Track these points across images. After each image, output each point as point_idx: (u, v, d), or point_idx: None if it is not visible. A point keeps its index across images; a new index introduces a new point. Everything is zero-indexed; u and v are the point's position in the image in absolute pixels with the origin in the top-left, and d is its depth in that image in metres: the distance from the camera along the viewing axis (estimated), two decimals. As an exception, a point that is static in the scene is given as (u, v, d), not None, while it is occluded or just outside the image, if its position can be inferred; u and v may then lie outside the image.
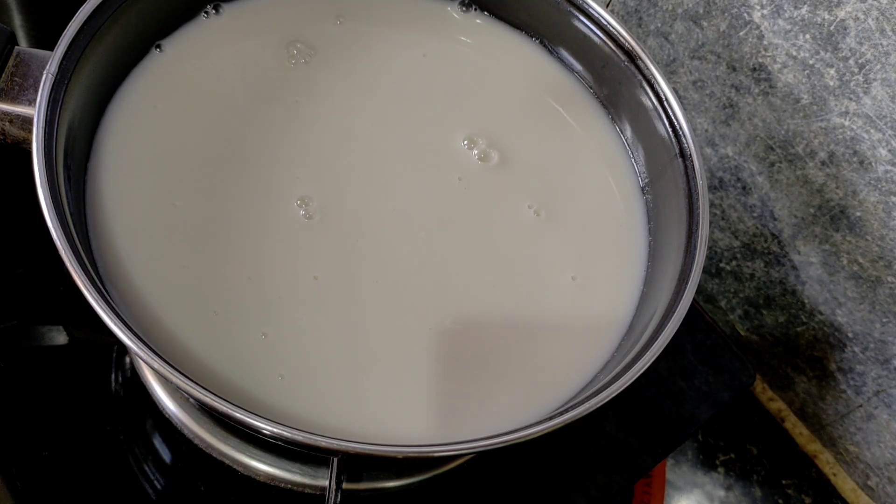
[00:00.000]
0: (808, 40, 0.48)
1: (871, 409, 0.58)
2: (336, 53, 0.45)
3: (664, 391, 0.54)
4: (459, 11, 0.49)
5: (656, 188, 0.44)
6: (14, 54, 0.38)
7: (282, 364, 0.36)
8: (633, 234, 0.44)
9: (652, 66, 0.43)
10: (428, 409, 0.37)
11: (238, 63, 0.44)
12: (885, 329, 0.53)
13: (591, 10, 0.44)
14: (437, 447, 0.33)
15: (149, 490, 0.46)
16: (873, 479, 0.61)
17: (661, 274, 0.41)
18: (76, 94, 0.37)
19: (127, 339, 0.31)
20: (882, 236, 0.50)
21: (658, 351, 0.35)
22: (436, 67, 0.47)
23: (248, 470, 0.45)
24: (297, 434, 0.31)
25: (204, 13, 0.45)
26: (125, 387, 0.48)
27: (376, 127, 0.44)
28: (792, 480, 0.63)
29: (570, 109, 0.47)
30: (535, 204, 0.43)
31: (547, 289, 0.41)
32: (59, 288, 0.50)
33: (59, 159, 0.35)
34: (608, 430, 0.52)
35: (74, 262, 0.32)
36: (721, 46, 0.54)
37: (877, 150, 0.48)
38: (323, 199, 0.40)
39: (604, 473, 0.51)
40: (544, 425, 0.33)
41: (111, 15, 0.39)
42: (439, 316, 0.39)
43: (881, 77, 0.45)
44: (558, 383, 0.38)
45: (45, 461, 0.45)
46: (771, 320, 0.62)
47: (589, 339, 0.40)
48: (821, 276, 0.56)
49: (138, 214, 0.38)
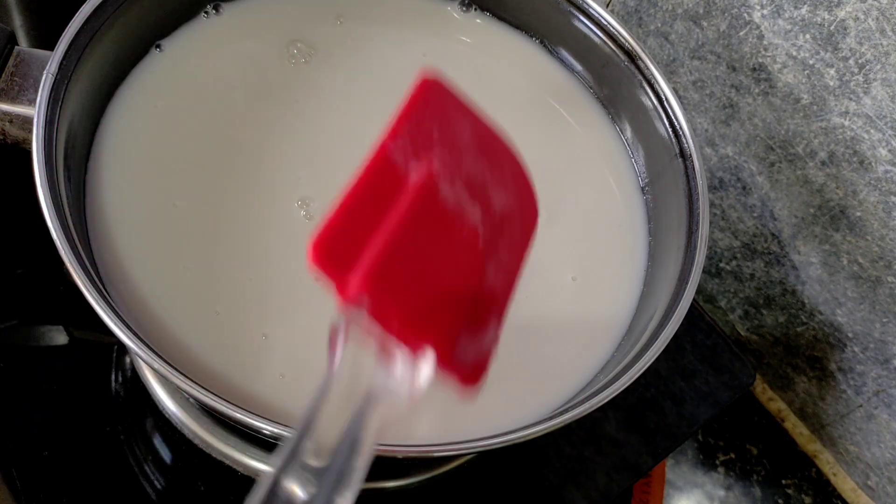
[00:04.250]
0: (808, 40, 0.48)
1: (871, 409, 0.58)
2: (336, 53, 0.45)
3: (664, 391, 0.54)
4: (459, 11, 0.49)
5: (656, 188, 0.44)
6: (14, 54, 0.38)
7: (282, 364, 0.36)
8: (633, 234, 0.44)
9: (652, 66, 0.43)
10: (428, 408, 0.37)
11: (238, 63, 0.44)
12: (885, 329, 0.53)
13: (591, 10, 0.44)
14: (437, 447, 0.33)
15: (149, 490, 0.46)
16: (873, 479, 0.61)
17: (661, 274, 0.41)
18: (76, 94, 0.37)
19: (127, 339, 0.31)
20: (882, 236, 0.50)
21: (658, 351, 0.35)
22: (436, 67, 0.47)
23: (248, 470, 0.45)
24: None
25: (204, 13, 0.45)
26: (125, 387, 0.48)
27: (377, 127, 0.44)
28: (792, 480, 0.63)
29: (570, 109, 0.47)
30: (535, 204, 0.43)
31: (547, 289, 0.41)
32: (59, 288, 0.50)
33: (59, 159, 0.35)
34: (608, 430, 0.52)
35: (74, 262, 0.32)
36: (721, 46, 0.54)
37: (877, 150, 0.48)
38: (324, 200, 0.40)
39: (604, 473, 0.51)
40: (544, 425, 0.33)
41: (111, 15, 0.39)
42: (439, 316, 0.39)
43: (881, 77, 0.45)
44: (558, 383, 0.38)
45: (45, 461, 0.45)
46: (771, 320, 0.62)
47: (589, 339, 0.40)
48: (821, 276, 0.56)
49: (138, 214, 0.38)
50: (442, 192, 0.29)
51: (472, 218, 0.30)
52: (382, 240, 0.26)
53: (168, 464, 0.47)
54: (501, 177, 0.32)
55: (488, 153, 0.32)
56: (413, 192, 0.28)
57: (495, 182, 0.32)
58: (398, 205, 0.27)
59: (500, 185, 0.32)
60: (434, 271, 0.28)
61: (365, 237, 0.26)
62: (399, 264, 0.26)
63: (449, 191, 0.29)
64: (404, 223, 0.27)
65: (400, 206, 0.27)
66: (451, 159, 0.30)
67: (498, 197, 0.32)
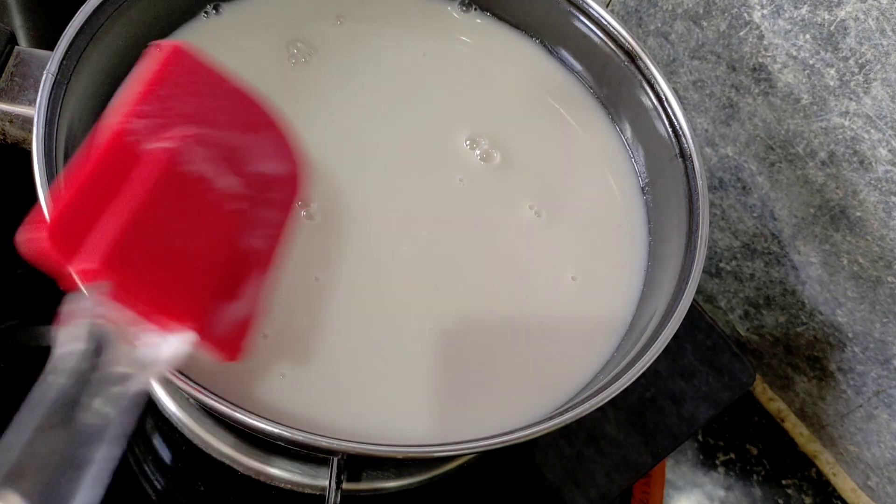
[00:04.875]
0: (808, 40, 0.48)
1: (871, 409, 0.58)
2: (336, 53, 0.45)
3: (664, 391, 0.54)
4: (459, 11, 0.49)
5: (656, 188, 0.44)
6: (14, 54, 0.38)
7: (282, 364, 0.36)
8: (633, 234, 0.44)
9: (652, 66, 0.43)
10: (428, 409, 0.37)
11: (238, 63, 0.44)
12: (885, 329, 0.53)
13: (591, 10, 0.44)
14: (437, 447, 0.33)
15: (149, 490, 0.46)
16: (873, 479, 0.61)
17: (661, 274, 0.41)
18: (76, 94, 0.37)
19: (127, 339, 0.31)
20: (882, 236, 0.50)
21: (658, 351, 0.35)
22: (436, 67, 0.47)
23: (248, 470, 0.45)
24: (298, 434, 0.31)
25: (204, 13, 0.45)
26: (125, 387, 0.48)
27: (377, 127, 0.44)
28: (792, 480, 0.63)
29: (570, 109, 0.47)
30: (535, 204, 0.43)
31: (547, 289, 0.41)
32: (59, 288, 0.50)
33: (59, 159, 0.35)
34: (608, 430, 0.52)
35: (74, 262, 0.32)
36: (721, 46, 0.54)
37: (877, 150, 0.48)
38: (324, 200, 0.40)
39: (604, 473, 0.51)
40: (544, 425, 0.33)
41: (111, 15, 0.39)
42: (440, 316, 0.39)
43: (881, 77, 0.45)
44: (558, 383, 0.38)
45: (45, 461, 0.45)
46: (771, 320, 0.62)
47: (589, 339, 0.40)
48: (821, 276, 0.56)
49: (138, 214, 0.38)
50: (185, 166, 0.29)
51: (221, 186, 0.30)
52: (119, 221, 0.26)
53: (168, 464, 0.47)
54: (258, 142, 0.33)
55: (243, 120, 0.33)
56: (150, 170, 0.28)
57: (251, 148, 0.32)
58: (135, 185, 0.27)
59: (256, 151, 0.32)
60: (180, 245, 0.28)
61: (101, 219, 0.26)
62: (139, 244, 0.27)
63: (194, 164, 0.29)
64: (143, 202, 0.27)
65: (136, 185, 0.27)
66: (199, 132, 0.30)
67: (255, 163, 0.32)
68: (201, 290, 0.28)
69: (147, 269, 0.27)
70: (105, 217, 0.26)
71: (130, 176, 0.27)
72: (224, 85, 0.33)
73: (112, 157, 0.28)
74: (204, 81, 0.32)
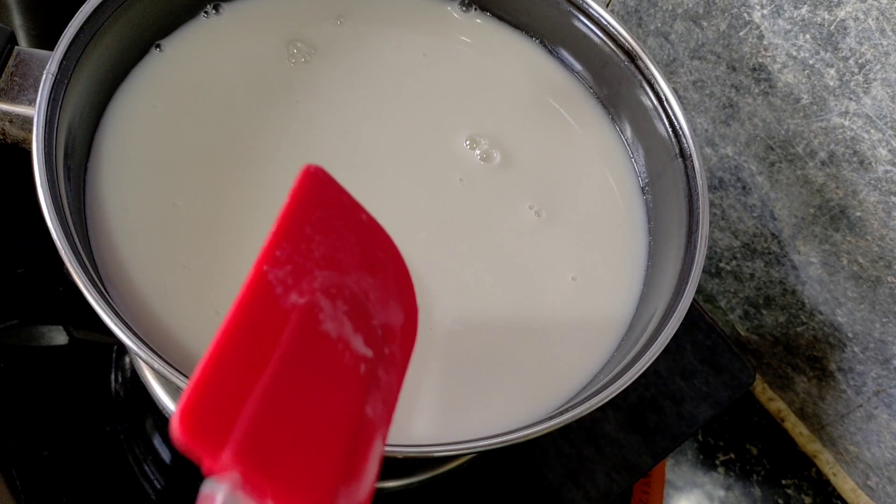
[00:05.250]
0: (808, 40, 0.48)
1: (871, 409, 0.58)
2: (336, 53, 0.45)
3: (664, 391, 0.54)
4: (459, 11, 0.49)
5: (656, 188, 0.44)
6: (14, 54, 0.38)
7: (282, 364, 0.36)
8: (633, 234, 0.44)
9: (652, 66, 0.43)
10: (428, 408, 0.37)
11: (238, 63, 0.44)
12: (885, 329, 0.53)
13: (591, 10, 0.44)
14: (437, 447, 0.33)
15: (149, 490, 0.46)
16: (873, 479, 0.61)
17: (661, 274, 0.41)
18: (76, 94, 0.37)
19: (127, 339, 0.31)
20: (882, 236, 0.50)
21: (658, 351, 0.35)
22: (436, 67, 0.47)
23: (248, 470, 0.45)
24: (298, 434, 0.31)
25: (204, 13, 0.45)
26: (125, 387, 0.48)
27: (377, 127, 0.44)
28: (792, 480, 0.63)
29: (570, 109, 0.47)
30: (535, 204, 0.43)
31: (547, 289, 0.41)
32: (59, 288, 0.50)
33: (59, 159, 0.35)
34: (608, 430, 0.52)
35: (74, 262, 0.32)
36: (721, 46, 0.54)
37: (877, 150, 0.48)
38: (323, 199, 0.40)
39: (604, 473, 0.51)
40: (544, 425, 0.33)
41: (111, 15, 0.39)
42: (440, 316, 0.39)
43: (881, 77, 0.45)
44: (558, 383, 0.38)
45: (45, 461, 0.45)
46: (771, 320, 0.62)
47: (589, 339, 0.40)
48: (821, 276, 0.56)
49: (139, 214, 0.38)
50: (319, 326, 0.25)
51: (353, 345, 0.26)
52: (252, 402, 0.22)
53: (168, 464, 0.47)
54: (378, 286, 0.28)
55: (367, 259, 0.28)
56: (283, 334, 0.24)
57: (374, 295, 0.27)
58: (265, 352, 0.23)
59: (378, 298, 0.28)
60: (312, 421, 0.24)
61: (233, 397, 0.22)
62: (272, 425, 0.23)
63: (330, 321, 0.25)
64: (279, 373, 0.23)
65: (277, 351, 0.23)
66: (332, 280, 0.26)
67: (380, 313, 0.27)
68: (330, 471, 0.24)
69: (279, 456, 0.23)
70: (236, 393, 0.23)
71: (262, 341, 0.24)
72: (353, 214, 0.28)
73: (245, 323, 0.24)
74: (337, 204, 0.28)
